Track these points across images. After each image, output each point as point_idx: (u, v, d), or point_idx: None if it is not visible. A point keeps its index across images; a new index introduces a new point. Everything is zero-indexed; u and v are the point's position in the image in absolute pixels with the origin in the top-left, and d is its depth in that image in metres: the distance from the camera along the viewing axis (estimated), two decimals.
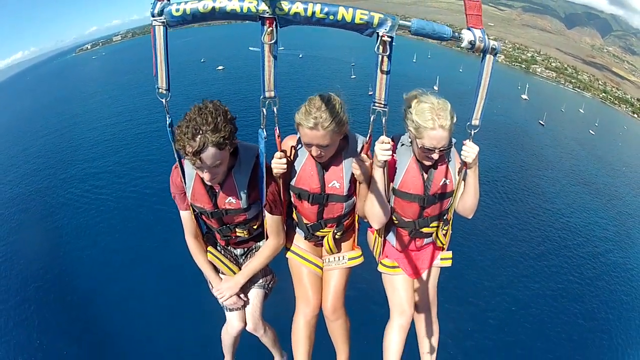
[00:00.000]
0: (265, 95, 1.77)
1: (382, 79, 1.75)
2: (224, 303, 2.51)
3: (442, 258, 2.65)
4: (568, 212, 41.58)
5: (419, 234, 2.49)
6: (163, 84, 1.73)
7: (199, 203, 2.23)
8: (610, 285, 30.25)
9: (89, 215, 34.39)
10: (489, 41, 1.70)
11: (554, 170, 52.45)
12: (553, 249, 33.55)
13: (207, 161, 1.82)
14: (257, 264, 2.48)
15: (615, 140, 79.50)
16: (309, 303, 2.50)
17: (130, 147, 47.55)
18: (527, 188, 44.04)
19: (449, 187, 2.30)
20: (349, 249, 2.62)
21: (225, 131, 1.80)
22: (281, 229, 2.43)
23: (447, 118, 2.01)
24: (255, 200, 2.27)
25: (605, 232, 39.31)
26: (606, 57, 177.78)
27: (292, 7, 1.50)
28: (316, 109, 1.99)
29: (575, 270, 31.49)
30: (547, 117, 71.48)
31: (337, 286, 2.56)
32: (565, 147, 63.11)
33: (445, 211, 2.42)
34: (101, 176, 40.98)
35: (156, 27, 1.59)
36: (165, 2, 1.55)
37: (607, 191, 50.31)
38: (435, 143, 2.05)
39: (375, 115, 1.84)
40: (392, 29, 1.56)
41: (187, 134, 1.75)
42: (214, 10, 1.48)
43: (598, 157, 62.96)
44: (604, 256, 34.51)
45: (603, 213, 43.56)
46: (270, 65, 1.69)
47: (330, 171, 2.26)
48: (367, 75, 65.47)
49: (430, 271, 2.67)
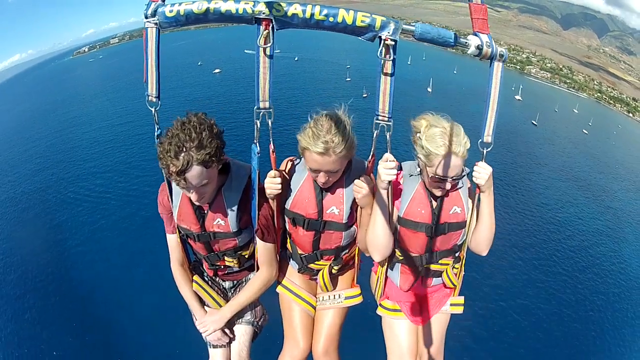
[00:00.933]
0: (259, 106, 1.64)
1: (386, 87, 1.61)
2: (207, 338, 2.36)
3: (453, 304, 2.37)
4: (557, 206, 43.03)
5: (426, 272, 2.27)
6: (153, 90, 1.63)
7: (185, 224, 2.10)
8: (599, 277, 31.62)
9: (88, 213, 35.62)
10: (496, 47, 1.61)
11: (546, 168, 53.59)
12: (541, 242, 34.98)
13: (192, 181, 1.71)
14: (246, 297, 2.31)
15: (609, 139, 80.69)
16: (297, 345, 2.31)
17: (128, 148, 48.80)
18: (517, 185, 45.25)
19: (460, 217, 2.11)
20: (346, 286, 2.42)
21: (211, 147, 1.69)
22: (274, 259, 2.25)
23: (460, 144, 1.86)
24: (246, 224, 2.13)
25: (593, 227, 40.75)
26: (602, 58, 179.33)
27: (290, 8, 1.45)
28: (325, 132, 1.83)
29: (563, 262, 32.92)
30: (541, 117, 72.57)
31: (330, 327, 2.34)
32: (558, 146, 64.24)
33: (456, 246, 2.21)
34: (100, 175, 42.18)
35: (149, 28, 1.55)
36: (159, 3, 1.52)
37: (598, 188, 51.72)
38: (448, 172, 1.90)
39: (378, 130, 1.68)
40: (396, 33, 1.49)
41: (169, 152, 1.64)
42: (208, 11, 1.45)
43: (591, 156, 64.18)
44: (592, 249, 35.99)
45: (592, 208, 45.04)
46: (266, 72, 1.59)
47: (330, 196, 2.09)
48: (362, 78, 66.92)
49: (438, 318, 2.39)
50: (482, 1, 1.59)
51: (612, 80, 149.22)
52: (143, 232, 31.29)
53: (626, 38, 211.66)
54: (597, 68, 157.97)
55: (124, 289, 26.65)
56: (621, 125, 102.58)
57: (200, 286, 2.33)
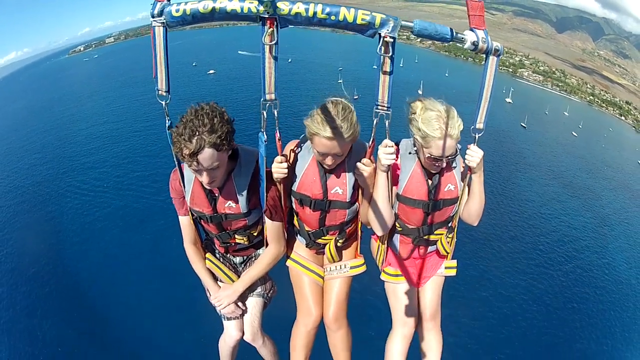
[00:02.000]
0: (265, 98, 1.75)
1: (385, 81, 1.72)
2: (222, 311, 2.51)
3: (447, 267, 2.62)
4: (542, 205, 44.64)
5: (423, 241, 2.47)
6: (163, 85, 1.72)
7: (198, 207, 2.23)
8: (584, 279, 33.20)
9: (87, 207, 37.06)
10: (491, 42, 1.70)
11: (533, 169, 55.15)
12: (526, 244, 36.49)
13: (204, 163, 1.82)
14: (256, 272, 2.48)
15: (599, 141, 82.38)
16: (310, 314, 2.49)
17: (125, 144, 50.50)
18: (504, 186, 46.94)
19: (454, 193, 2.29)
20: (351, 257, 2.61)
21: (222, 131, 1.80)
22: (282, 236, 2.42)
23: (454, 127, 2.00)
24: (255, 205, 2.26)
25: (576, 221, 42.79)
26: (597, 61, 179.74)
27: (293, 7, 1.50)
28: (334, 118, 1.97)
29: (544, 253, 34.76)
30: (531, 119, 73.86)
31: (339, 295, 2.53)
32: (546, 148, 65.62)
33: (450, 218, 2.41)
34: (97, 171, 43.67)
35: (156, 27, 1.60)
36: (165, 3, 1.56)
37: (582, 187, 53.55)
38: (443, 152, 2.05)
39: (378, 118, 1.81)
40: (395, 30, 1.55)
41: (183, 136, 1.76)
42: (214, 10, 1.48)
43: (578, 157, 65.88)
44: (574, 242, 38.02)
45: (577, 208, 46.86)
46: (271, 66, 1.69)
47: (333, 177, 2.24)
48: (354, 80, 68.33)
49: (433, 280, 2.63)
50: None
51: (605, 83, 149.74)
52: (138, 224, 33.17)
53: (621, 42, 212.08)
54: (591, 71, 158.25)
55: (121, 278, 27.95)
56: (612, 128, 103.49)
57: (213, 263, 2.48)
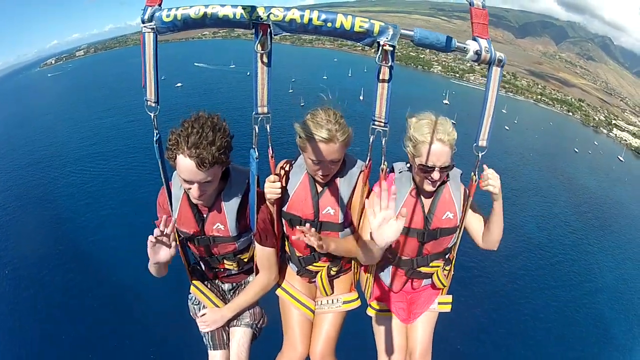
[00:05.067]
0: (257, 112, 1.66)
1: (383, 92, 1.62)
2: (204, 331, 2.49)
3: (441, 302, 2.50)
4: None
5: (417, 274, 2.39)
6: (152, 96, 1.66)
7: (185, 228, 2.21)
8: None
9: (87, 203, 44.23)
10: (495, 52, 1.65)
11: (456, 159, 67.28)
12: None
13: (196, 176, 1.84)
14: (244, 300, 2.44)
15: (533, 133, 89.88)
16: (295, 349, 2.42)
17: (111, 156, 57.06)
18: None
19: (452, 222, 2.20)
20: (345, 290, 2.53)
21: (221, 144, 1.83)
22: (273, 264, 2.35)
23: (446, 132, 1.97)
24: (245, 228, 2.23)
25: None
26: (556, 63, 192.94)
27: (288, 13, 1.47)
28: (326, 121, 1.96)
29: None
30: (463, 117, 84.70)
31: (328, 332, 2.45)
32: (471, 138, 77.75)
33: (447, 249, 2.33)
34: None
35: (146, 33, 1.58)
36: (156, 7, 1.55)
37: (503, 171, 64.21)
38: (435, 160, 1.99)
39: (374, 135, 1.69)
40: (394, 38, 1.50)
41: (179, 143, 1.80)
42: (206, 16, 1.47)
43: (502, 145, 72.14)
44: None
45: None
46: (264, 77, 1.61)
47: (325, 197, 2.20)
48: (303, 90, 77.72)
49: (426, 316, 2.51)
50: (484, 6, 1.61)
51: (558, 84, 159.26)
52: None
53: (585, 44, 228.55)
54: (544, 75, 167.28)
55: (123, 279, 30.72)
56: (553, 122, 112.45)
57: (198, 289, 2.49)
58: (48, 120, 77.56)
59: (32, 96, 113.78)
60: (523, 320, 31.27)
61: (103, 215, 42.39)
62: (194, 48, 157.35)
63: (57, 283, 32.08)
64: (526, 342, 28.98)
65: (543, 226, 48.27)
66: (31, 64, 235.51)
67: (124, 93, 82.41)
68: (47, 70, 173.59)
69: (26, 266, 34.05)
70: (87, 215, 42.59)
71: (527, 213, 50.22)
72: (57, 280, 32.39)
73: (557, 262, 41.16)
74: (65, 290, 31.04)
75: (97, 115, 76.68)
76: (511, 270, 37.22)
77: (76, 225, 41.05)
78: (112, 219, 41.12)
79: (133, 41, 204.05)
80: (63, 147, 62.56)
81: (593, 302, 35.47)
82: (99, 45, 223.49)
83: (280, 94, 74.98)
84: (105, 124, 72.74)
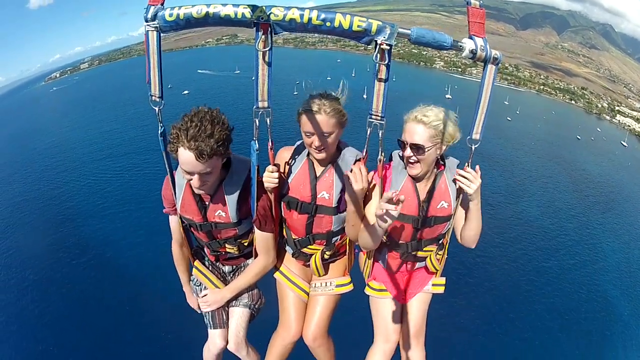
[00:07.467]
0: (258, 106, 1.80)
1: (380, 89, 1.74)
2: (205, 310, 2.63)
3: (434, 284, 2.63)
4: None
5: (412, 257, 2.51)
6: (156, 91, 1.79)
7: (188, 215, 2.33)
8: None
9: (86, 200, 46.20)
10: (490, 50, 1.72)
11: (456, 149, 69.06)
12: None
13: (196, 167, 1.94)
14: (243, 282, 2.58)
15: (535, 122, 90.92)
16: (289, 329, 2.58)
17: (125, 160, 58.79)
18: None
19: (446, 211, 2.31)
20: (338, 274, 2.66)
21: (219, 137, 1.93)
22: (271, 248, 2.47)
23: (429, 116, 2.06)
24: (246, 215, 2.35)
25: (500, 186, 51.26)
26: (559, 53, 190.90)
27: (288, 13, 1.54)
28: (319, 97, 2.15)
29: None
30: (464, 110, 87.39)
31: (321, 313, 2.59)
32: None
33: (441, 235, 2.43)
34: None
35: (149, 32, 1.66)
36: (158, 6, 1.62)
37: (505, 160, 61.25)
38: (407, 136, 2.11)
39: (371, 128, 1.81)
40: (392, 37, 1.57)
41: (180, 136, 1.89)
42: (208, 15, 1.53)
43: (504, 136, 72.71)
44: (501, 207, 44.89)
45: (495, 177, 54.36)
46: (265, 74, 1.72)
47: (321, 181, 2.33)
48: (307, 92, 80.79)
49: (420, 297, 2.64)
50: (481, 5, 1.68)
51: (561, 74, 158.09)
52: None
53: (587, 32, 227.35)
54: (547, 65, 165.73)
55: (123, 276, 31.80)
56: (555, 111, 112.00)
57: (199, 271, 2.67)
58: (62, 132, 79.82)
59: (41, 109, 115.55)
60: (529, 303, 32.27)
61: (114, 217, 43.51)
62: (199, 55, 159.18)
63: (68, 278, 33.45)
64: (534, 324, 29.83)
65: (546, 211, 49.38)
66: (35, 78, 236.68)
67: (134, 101, 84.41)
68: (53, 83, 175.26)
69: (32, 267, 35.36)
70: (96, 219, 43.68)
71: (531, 199, 51.47)
72: (69, 275, 33.84)
73: (561, 243, 42.45)
74: (72, 286, 32.14)
75: (109, 126, 78.58)
76: (516, 255, 38.42)
77: (87, 230, 42.08)
78: (122, 221, 42.34)
79: (137, 52, 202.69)
80: (80, 157, 63.72)
81: (597, 282, 36.59)
82: (103, 57, 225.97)
83: (285, 97, 75.97)
84: (116, 132, 74.21)
